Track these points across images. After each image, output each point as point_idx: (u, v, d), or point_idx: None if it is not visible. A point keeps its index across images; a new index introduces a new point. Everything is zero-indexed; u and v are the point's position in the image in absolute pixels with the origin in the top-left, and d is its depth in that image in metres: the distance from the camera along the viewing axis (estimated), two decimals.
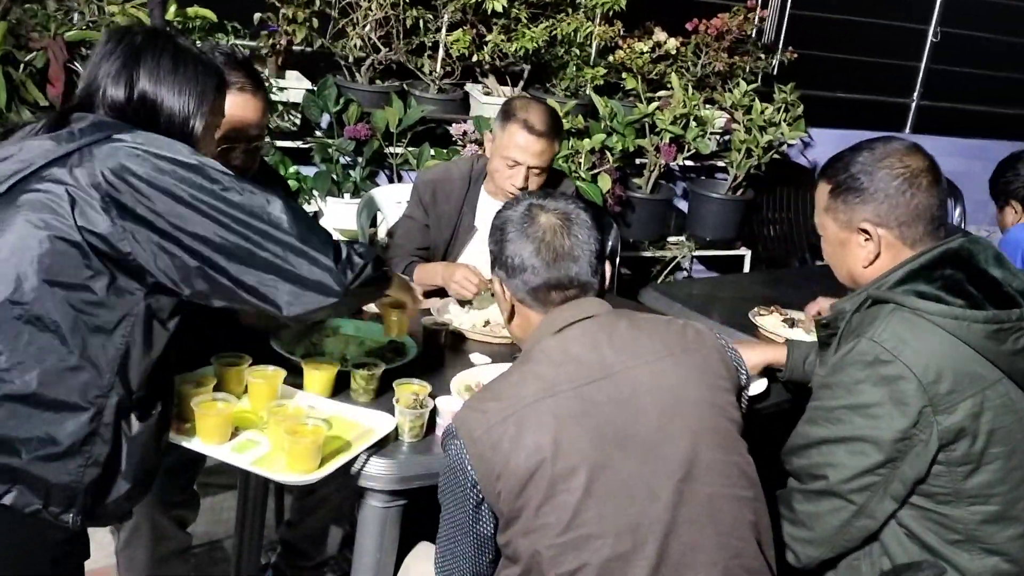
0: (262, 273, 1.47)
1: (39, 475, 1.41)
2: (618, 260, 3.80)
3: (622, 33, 4.12)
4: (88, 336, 1.43)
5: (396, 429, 1.77)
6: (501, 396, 1.48)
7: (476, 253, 2.72)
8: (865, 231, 1.74)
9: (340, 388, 1.92)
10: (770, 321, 2.66)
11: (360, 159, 3.86)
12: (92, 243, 1.42)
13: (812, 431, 1.70)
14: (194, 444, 1.67)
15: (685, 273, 4.88)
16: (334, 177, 3.80)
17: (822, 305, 2.65)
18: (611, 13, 4.06)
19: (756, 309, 2.71)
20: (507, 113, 2.60)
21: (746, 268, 4.75)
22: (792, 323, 2.66)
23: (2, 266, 1.41)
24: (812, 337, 2.49)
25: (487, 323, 2.41)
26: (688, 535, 1.45)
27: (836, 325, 1.80)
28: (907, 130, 5.65)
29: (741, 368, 1.65)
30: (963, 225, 5.74)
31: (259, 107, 2.06)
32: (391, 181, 4.06)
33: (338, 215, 3.79)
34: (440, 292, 2.59)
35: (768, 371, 2.24)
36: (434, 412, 1.80)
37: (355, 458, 1.68)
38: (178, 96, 1.55)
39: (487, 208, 2.70)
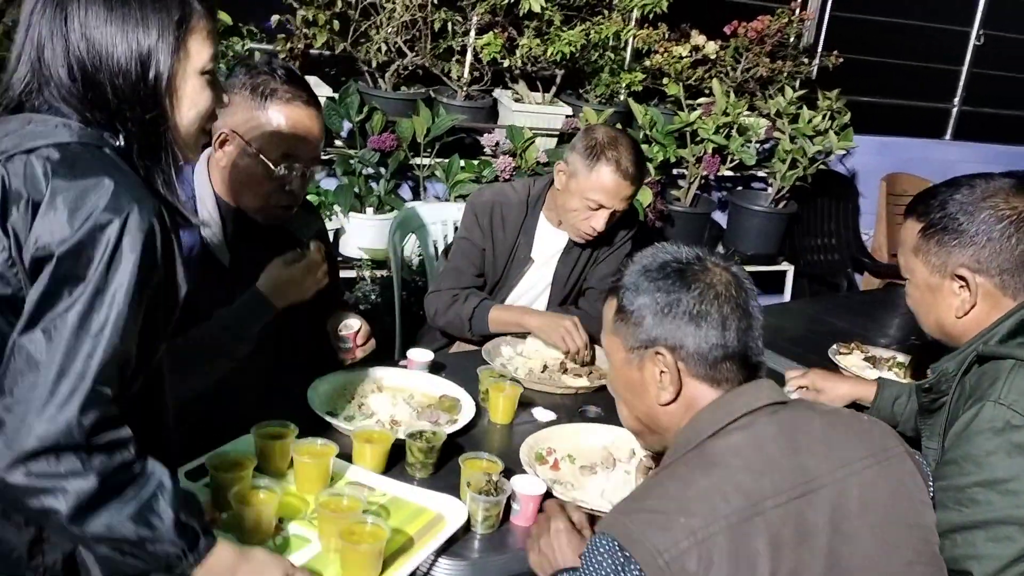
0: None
1: None
2: None
3: (667, 36, 3.84)
4: None
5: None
6: (691, 509, 1.11)
7: (530, 287, 2.46)
8: (961, 278, 1.56)
9: (392, 458, 1.66)
10: (853, 361, 2.40)
11: (384, 171, 3.59)
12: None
13: (943, 517, 1.43)
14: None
15: None
16: (356, 191, 3.53)
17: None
18: (651, 15, 3.79)
19: (836, 347, 2.46)
20: (592, 150, 2.28)
21: (788, 284, 4.49)
22: (875, 362, 2.41)
23: None
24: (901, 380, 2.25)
25: (545, 368, 2.15)
26: None
27: (940, 389, 1.57)
28: (948, 136, 5.40)
29: (929, 477, 1.34)
30: None
31: (321, 124, 1.86)
32: (415, 195, 3.79)
33: (361, 232, 3.53)
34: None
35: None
36: (510, 496, 1.53)
37: None
38: (122, 38, 1.17)
39: (545, 237, 2.43)
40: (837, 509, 1.17)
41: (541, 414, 1.94)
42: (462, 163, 3.63)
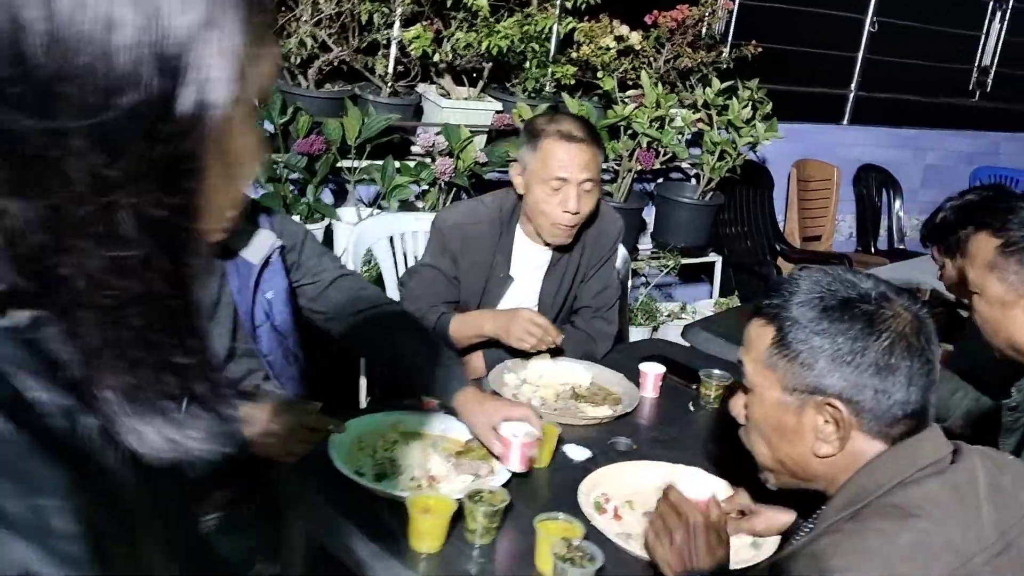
0: None
1: None
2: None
3: (612, 30, 3.71)
4: None
5: None
6: (898, 569, 0.99)
7: (514, 306, 2.27)
8: None
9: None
10: None
11: (313, 177, 3.30)
12: None
13: None
14: None
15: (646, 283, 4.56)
16: (284, 199, 3.23)
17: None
18: (583, 6, 3.64)
19: None
20: (533, 132, 2.20)
21: (717, 276, 4.48)
22: None
23: None
24: None
25: (558, 397, 1.98)
26: None
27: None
28: (845, 121, 5.53)
29: None
30: (902, 216, 5.71)
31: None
32: (341, 199, 3.52)
33: None
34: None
35: None
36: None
37: None
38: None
39: (524, 253, 2.25)
40: (1022, 567, 1.06)
41: (575, 452, 1.77)
42: (397, 165, 3.39)
